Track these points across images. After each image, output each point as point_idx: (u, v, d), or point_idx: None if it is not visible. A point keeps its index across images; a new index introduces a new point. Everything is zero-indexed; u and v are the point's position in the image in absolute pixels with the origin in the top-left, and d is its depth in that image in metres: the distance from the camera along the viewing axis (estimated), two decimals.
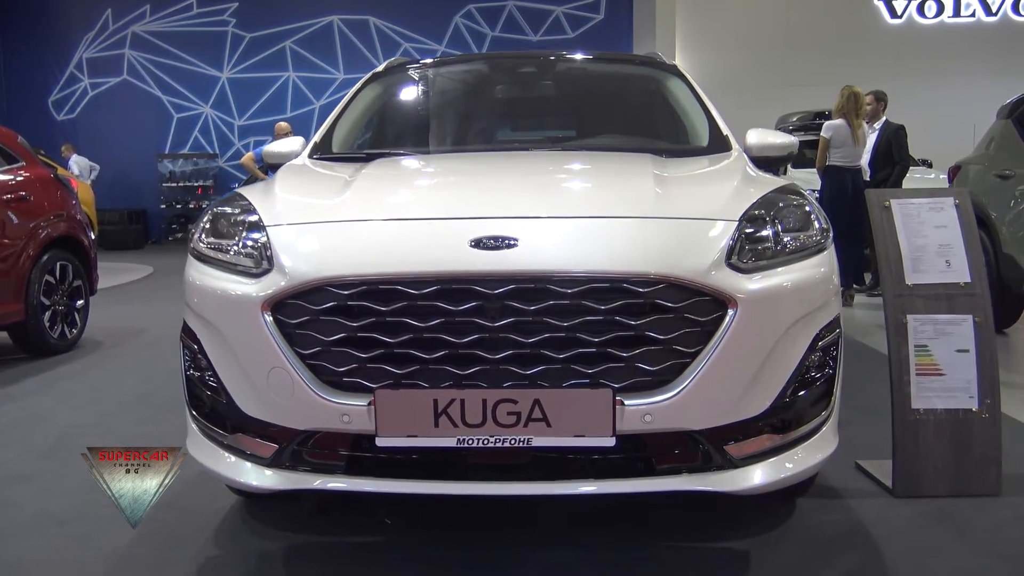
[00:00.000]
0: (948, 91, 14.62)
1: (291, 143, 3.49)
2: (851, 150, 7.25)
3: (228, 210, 2.46)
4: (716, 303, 2.08)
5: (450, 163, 3.24)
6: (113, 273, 10.42)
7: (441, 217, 2.29)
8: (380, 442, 2.05)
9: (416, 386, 2.06)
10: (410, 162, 3.17)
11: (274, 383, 2.13)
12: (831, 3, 15.57)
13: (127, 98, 16.96)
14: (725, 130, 3.33)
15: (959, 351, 2.95)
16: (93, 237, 6.31)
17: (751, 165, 2.85)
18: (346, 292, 2.09)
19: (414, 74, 4.08)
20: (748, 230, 2.24)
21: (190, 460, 2.37)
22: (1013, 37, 15.39)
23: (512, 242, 2.10)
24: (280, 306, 2.14)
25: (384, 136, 3.71)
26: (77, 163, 14.48)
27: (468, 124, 3.76)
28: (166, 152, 16.96)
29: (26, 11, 16.79)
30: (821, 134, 7.29)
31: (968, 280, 2.98)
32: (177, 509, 2.78)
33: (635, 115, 3.80)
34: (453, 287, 2.06)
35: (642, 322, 2.05)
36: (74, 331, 5.80)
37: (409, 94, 4.03)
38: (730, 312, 2.08)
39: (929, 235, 3.04)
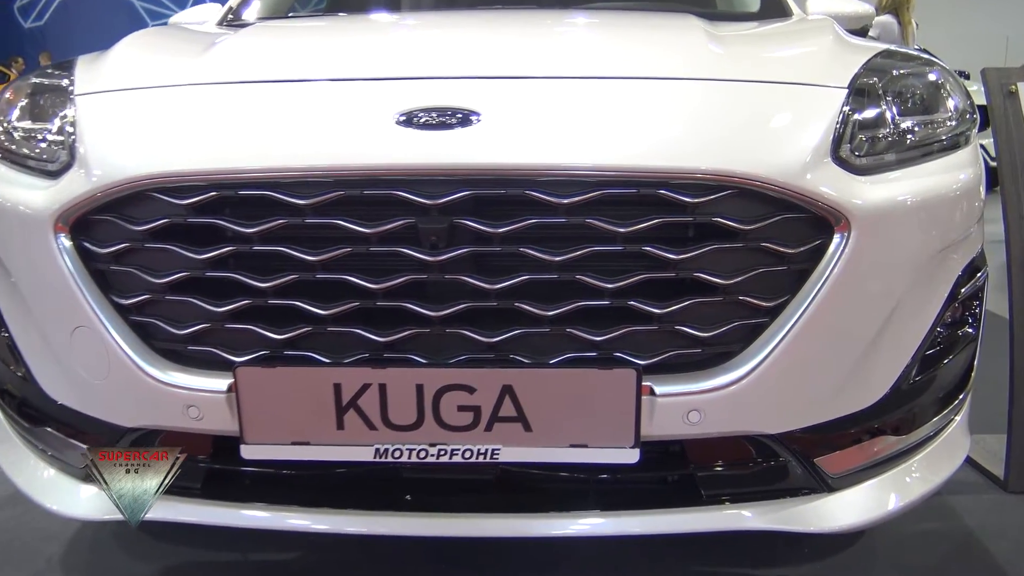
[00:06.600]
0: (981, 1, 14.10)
1: (203, 10, 2.62)
2: None
3: (37, 79, 1.60)
4: (816, 223, 1.25)
5: (389, 17, 2.35)
6: None
7: (351, 78, 1.43)
8: (247, 452, 1.24)
9: (307, 360, 1.25)
10: (329, 18, 2.28)
11: (81, 351, 1.31)
12: None
13: (99, 4, 15.76)
14: None
15: None
16: None
17: (839, 27, 1.96)
18: (189, 200, 1.26)
19: None
20: (856, 112, 1.39)
21: None
22: None
23: (469, 116, 1.25)
24: (84, 225, 1.31)
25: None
26: None
27: None
28: None
29: None
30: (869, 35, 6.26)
31: None
32: (21, 508, 2.00)
33: None
34: (367, 193, 1.23)
35: (689, 255, 1.23)
36: None
37: None
38: (837, 238, 1.25)
39: None
